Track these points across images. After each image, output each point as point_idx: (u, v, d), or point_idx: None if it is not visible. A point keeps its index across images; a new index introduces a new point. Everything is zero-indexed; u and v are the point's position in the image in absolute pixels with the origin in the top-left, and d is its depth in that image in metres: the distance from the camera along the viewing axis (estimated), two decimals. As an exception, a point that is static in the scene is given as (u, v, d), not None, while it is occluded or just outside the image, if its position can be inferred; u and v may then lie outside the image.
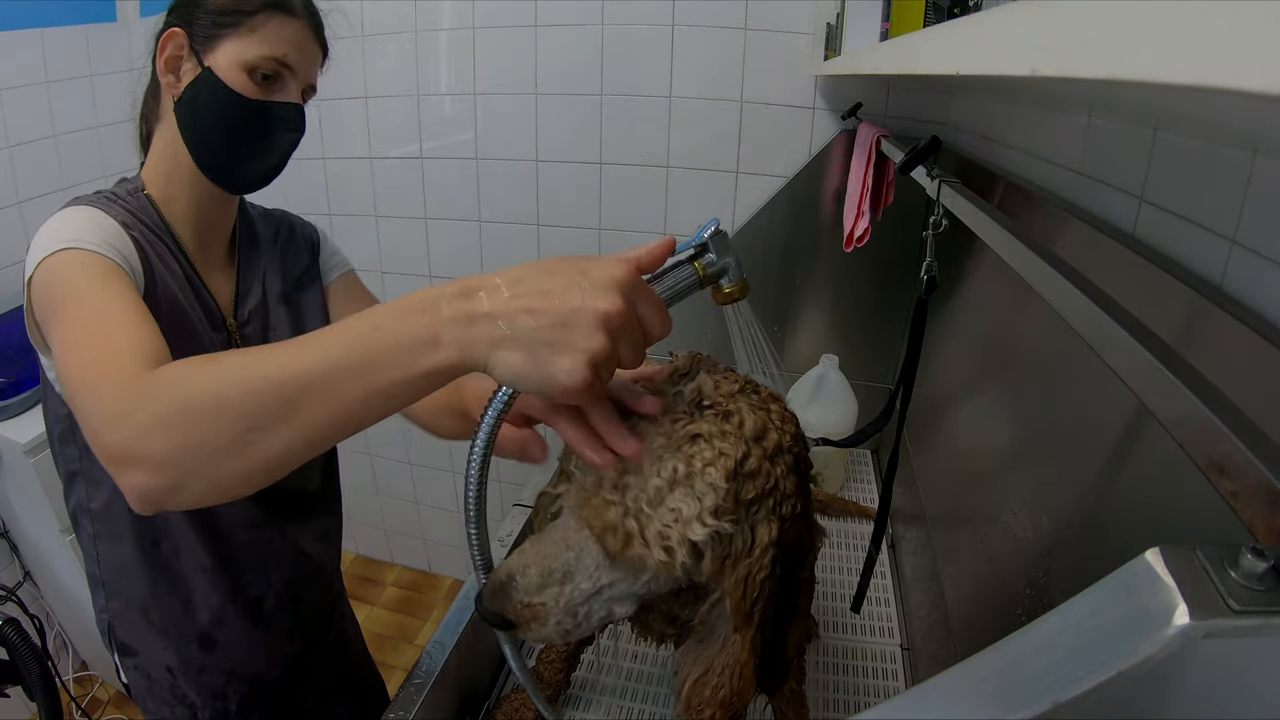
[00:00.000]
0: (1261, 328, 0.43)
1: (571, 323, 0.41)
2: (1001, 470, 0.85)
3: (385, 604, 2.26)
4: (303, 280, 0.89)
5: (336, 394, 0.41)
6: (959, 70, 0.41)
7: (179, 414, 0.42)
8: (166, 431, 0.42)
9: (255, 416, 0.41)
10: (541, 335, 0.41)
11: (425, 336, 0.41)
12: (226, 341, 0.78)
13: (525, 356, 0.41)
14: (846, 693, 1.00)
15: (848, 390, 1.38)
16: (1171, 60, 0.18)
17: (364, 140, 1.79)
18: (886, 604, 1.15)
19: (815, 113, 1.47)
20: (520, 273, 0.42)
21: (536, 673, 0.96)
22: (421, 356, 0.41)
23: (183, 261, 0.75)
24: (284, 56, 0.72)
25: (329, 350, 0.42)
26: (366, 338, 0.42)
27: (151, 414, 0.43)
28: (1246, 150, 0.46)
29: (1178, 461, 0.45)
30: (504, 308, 0.41)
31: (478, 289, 0.42)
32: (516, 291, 0.41)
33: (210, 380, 0.43)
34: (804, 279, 1.55)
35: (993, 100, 1.09)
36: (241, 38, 0.70)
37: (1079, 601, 0.26)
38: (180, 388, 0.43)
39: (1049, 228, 0.75)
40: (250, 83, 0.71)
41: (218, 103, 0.71)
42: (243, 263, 0.84)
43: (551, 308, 0.41)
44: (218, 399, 0.42)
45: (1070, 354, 0.67)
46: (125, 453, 0.43)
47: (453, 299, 0.42)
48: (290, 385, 0.41)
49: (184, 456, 0.42)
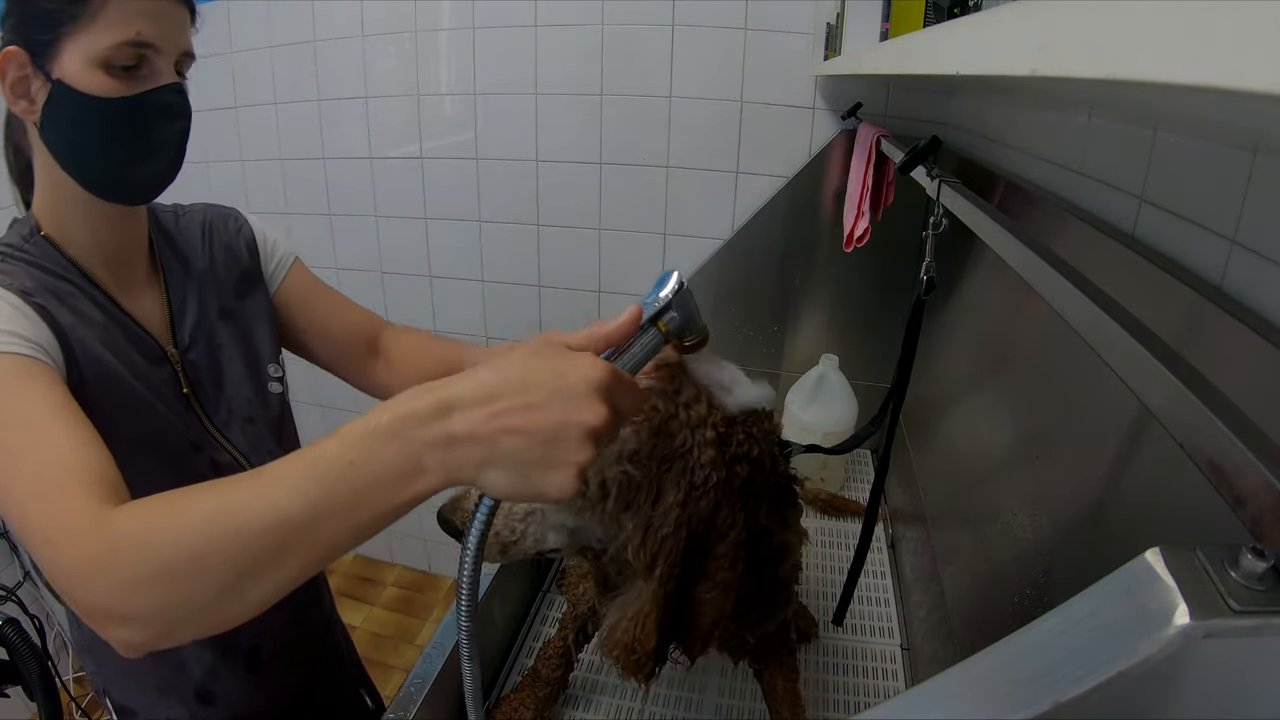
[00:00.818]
0: (1261, 328, 0.43)
1: (558, 438, 0.40)
2: (1001, 470, 0.85)
3: (385, 604, 2.26)
4: (242, 286, 0.79)
5: (321, 535, 0.40)
6: (959, 70, 0.41)
7: (155, 575, 0.40)
8: (144, 592, 0.40)
9: (240, 569, 0.40)
10: (528, 455, 0.40)
11: (406, 467, 0.40)
12: (171, 376, 0.70)
13: (513, 476, 0.40)
14: (846, 693, 1.00)
15: (848, 390, 1.38)
16: (1171, 60, 0.18)
17: (364, 140, 1.79)
18: (886, 604, 1.15)
19: (815, 113, 1.47)
20: (493, 381, 0.40)
21: (535, 670, 0.96)
22: (405, 487, 0.40)
23: (101, 300, 0.66)
24: (139, 35, 0.60)
25: (306, 491, 0.39)
26: (345, 475, 0.39)
27: (124, 576, 0.41)
28: (1246, 150, 0.46)
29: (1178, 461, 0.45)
30: (484, 429, 0.39)
31: (451, 406, 0.40)
32: (494, 409, 0.39)
33: (182, 535, 0.40)
34: (804, 279, 1.55)
35: (993, 100, 1.09)
36: (83, 32, 0.58)
37: (1079, 601, 0.26)
38: (150, 547, 0.41)
39: (1049, 228, 0.75)
40: (110, 80, 0.60)
41: (81, 116, 0.60)
42: (169, 278, 0.74)
43: (535, 426, 0.39)
44: (195, 556, 0.40)
45: (1070, 354, 0.67)
46: (103, 611, 0.41)
47: (426, 420, 0.39)
48: (272, 535, 0.39)
49: (169, 613, 0.41)
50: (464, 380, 0.41)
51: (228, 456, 0.72)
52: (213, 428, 0.72)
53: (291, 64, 1.79)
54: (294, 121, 1.84)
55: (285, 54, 1.79)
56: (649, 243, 1.67)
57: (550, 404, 0.40)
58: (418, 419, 0.40)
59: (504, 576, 1.03)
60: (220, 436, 0.72)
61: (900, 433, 1.36)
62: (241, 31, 1.81)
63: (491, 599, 1.00)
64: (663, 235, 1.65)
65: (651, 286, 0.49)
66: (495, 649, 1.04)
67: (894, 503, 1.38)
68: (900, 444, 1.35)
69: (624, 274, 1.71)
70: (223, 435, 0.72)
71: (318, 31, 1.73)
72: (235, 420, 0.74)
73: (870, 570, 1.23)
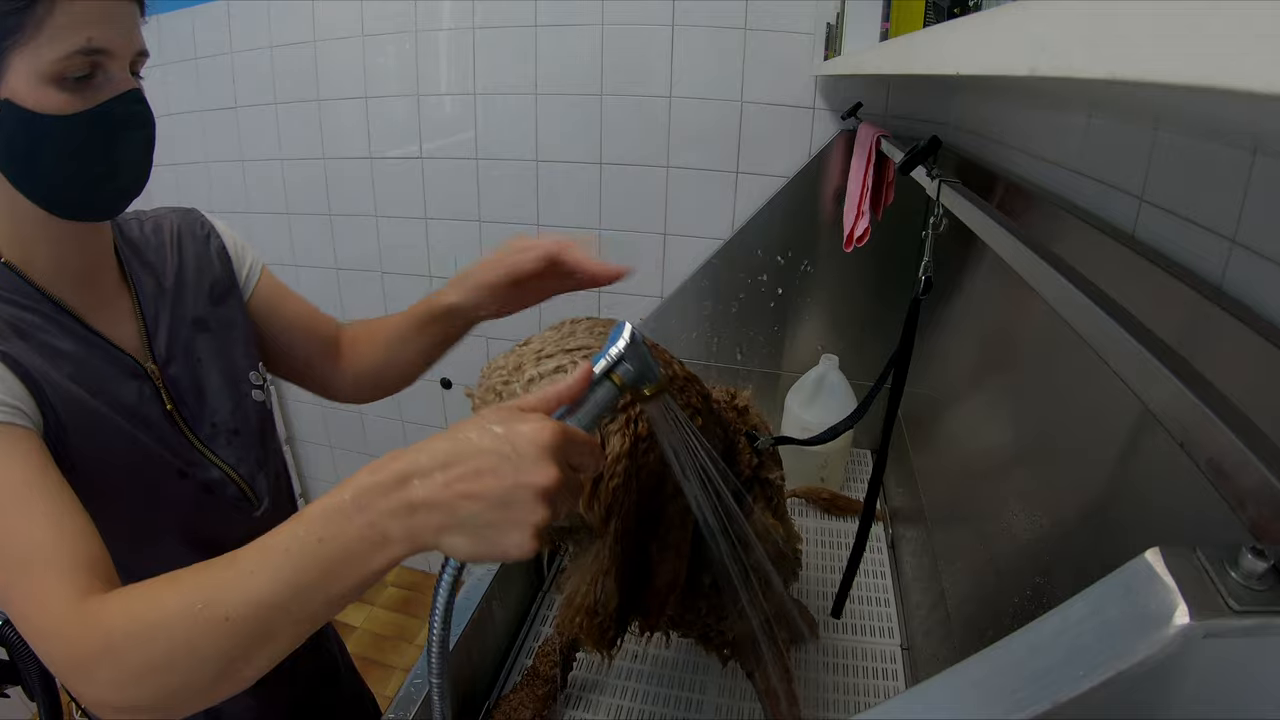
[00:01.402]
0: (1261, 328, 0.43)
1: (512, 501, 0.41)
2: (1001, 470, 0.85)
3: (385, 604, 2.26)
4: (215, 295, 0.75)
5: (303, 611, 0.43)
6: (959, 70, 0.41)
7: (152, 667, 0.42)
8: (143, 683, 0.43)
9: (231, 654, 0.43)
10: (485, 518, 0.42)
11: (373, 537, 0.42)
12: (153, 393, 0.66)
13: (473, 539, 0.42)
14: (846, 693, 1.00)
15: (848, 390, 1.38)
16: (1171, 60, 0.18)
17: (364, 140, 1.79)
18: (886, 604, 1.15)
19: (815, 113, 1.47)
20: (447, 449, 0.42)
21: (534, 669, 0.96)
22: (374, 557, 0.42)
23: (72, 327, 0.62)
24: (90, 42, 0.54)
25: (282, 574, 0.42)
26: (316, 553, 0.42)
27: (121, 670, 0.43)
28: (1246, 150, 0.46)
29: (1178, 461, 0.45)
30: (441, 496, 0.41)
31: (409, 475, 0.42)
32: (449, 476, 0.41)
33: (175, 627, 0.42)
34: (804, 279, 1.56)
35: (993, 100, 1.09)
36: (28, 45, 0.52)
37: (1079, 601, 0.26)
38: (144, 640, 0.43)
39: (1049, 228, 0.75)
40: (63, 95, 0.54)
41: (34, 136, 0.55)
42: (140, 292, 0.69)
43: (488, 490, 0.41)
44: (189, 646, 0.42)
45: (1070, 354, 0.67)
46: (104, 702, 0.43)
47: (387, 491, 0.42)
48: (257, 619, 0.42)
49: (169, 699, 0.43)
50: (420, 451, 0.43)
51: (218, 473, 0.70)
52: (199, 443, 0.69)
53: (291, 64, 1.79)
54: (294, 121, 1.84)
55: (285, 54, 1.79)
56: (649, 243, 1.67)
57: (500, 468, 0.41)
58: (379, 489, 0.42)
59: (504, 577, 1.03)
60: (207, 451, 0.70)
61: (900, 433, 1.36)
62: (241, 31, 1.81)
63: (491, 600, 1.00)
64: (663, 235, 1.65)
65: (611, 334, 0.50)
66: (495, 649, 1.04)
67: (894, 503, 1.38)
68: (900, 444, 1.35)
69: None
70: (209, 449, 0.70)
71: (318, 31, 1.73)
72: (221, 433, 0.72)
73: (870, 570, 1.23)
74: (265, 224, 1.97)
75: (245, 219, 1.99)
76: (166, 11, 1.85)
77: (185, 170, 2.02)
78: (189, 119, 1.95)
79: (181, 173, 2.02)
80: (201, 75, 1.89)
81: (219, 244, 0.78)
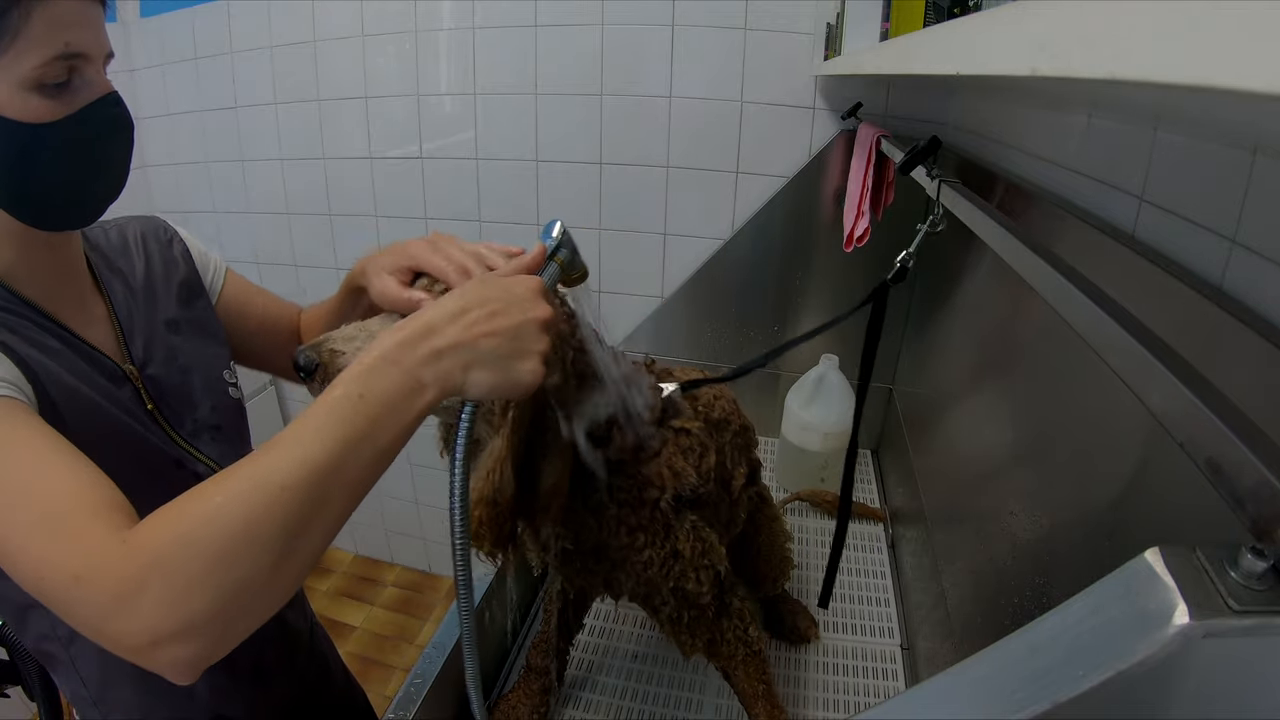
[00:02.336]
0: (1261, 328, 0.43)
1: (522, 333, 0.50)
2: (1001, 470, 0.85)
3: (385, 604, 2.26)
4: (184, 296, 0.76)
5: (354, 469, 0.44)
6: (959, 70, 0.41)
7: (207, 567, 0.40)
8: (198, 592, 0.40)
9: (293, 527, 0.42)
10: (502, 350, 0.49)
11: (409, 385, 0.46)
12: (134, 395, 0.67)
13: (494, 371, 0.49)
14: (846, 693, 1.00)
15: (848, 390, 1.38)
16: (1171, 60, 0.18)
17: (364, 140, 1.79)
18: (886, 604, 1.15)
19: (815, 113, 1.47)
20: (459, 302, 0.49)
21: (528, 663, 0.97)
22: (413, 403, 0.46)
23: (54, 329, 0.62)
24: (68, 47, 0.53)
25: (329, 434, 0.44)
26: (359, 409, 0.44)
27: (173, 582, 0.40)
28: (1246, 150, 0.46)
29: (1178, 461, 0.45)
30: (464, 337, 0.48)
31: (431, 328, 0.48)
32: (467, 321, 0.48)
33: (229, 514, 0.41)
34: (804, 279, 1.55)
35: (993, 100, 1.09)
36: (6, 53, 0.51)
37: (1079, 601, 0.26)
38: (196, 541, 0.40)
39: (1049, 228, 0.75)
40: (45, 101, 0.54)
41: (16, 146, 0.54)
42: (113, 296, 0.70)
43: (503, 327, 0.49)
44: (248, 526, 0.41)
45: (1070, 354, 0.67)
46: (153, 634, 0.40)
47: (414, 344, 0.47)
48: (313, 481, 0.42)
49: (230, 604, 0.41)
50: (434, 308, 0.49)
51: (204, 469, 0.70)
52: (183, 441, 0.70)
53: (291, 64, 1.79)
54: (294, 121, 1.84)
55: (285, 54, 1.79)
56: (649, 243, 1.67)
57: (510, 309, 0.50)
58: (408, 344, 0.47)
59: (503, 579, 1.03)
60: (192, 449, 0.70)
61: (900, 433, 1.36)
62: (241, 31, 1.81)
63: (491, 600, 1.00)
64: (663, 235, 1.65)
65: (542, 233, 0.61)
66: (495, 649, 1.04)
67: (894, 503, 1.38)
68: (900, 444, 1.35)
69: (624, 274, 1.71)
70: (193, 447, 0.70)
71: (318, 31, 1.73)
72: (203, 430, 0.72)
73: (870, 570, 1.24)
74: (265, 224, 1.97)
75: (245, 219, 1.99)
76: (166, 11, 1.85)
77: (185, 170, 2.02)
78: (189, 119, 1.95)
79: (181, 173, 2.02)
80: (201, 75, 1.89)
81: (182, 248, 0.79)
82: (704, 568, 0.76)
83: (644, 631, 1.09)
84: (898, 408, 1.44)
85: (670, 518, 0.73)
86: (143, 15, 1.89)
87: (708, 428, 0.80)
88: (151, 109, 1.96)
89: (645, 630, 1.09)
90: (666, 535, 0.73)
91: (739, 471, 0.85)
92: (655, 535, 0.73)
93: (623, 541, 0.73)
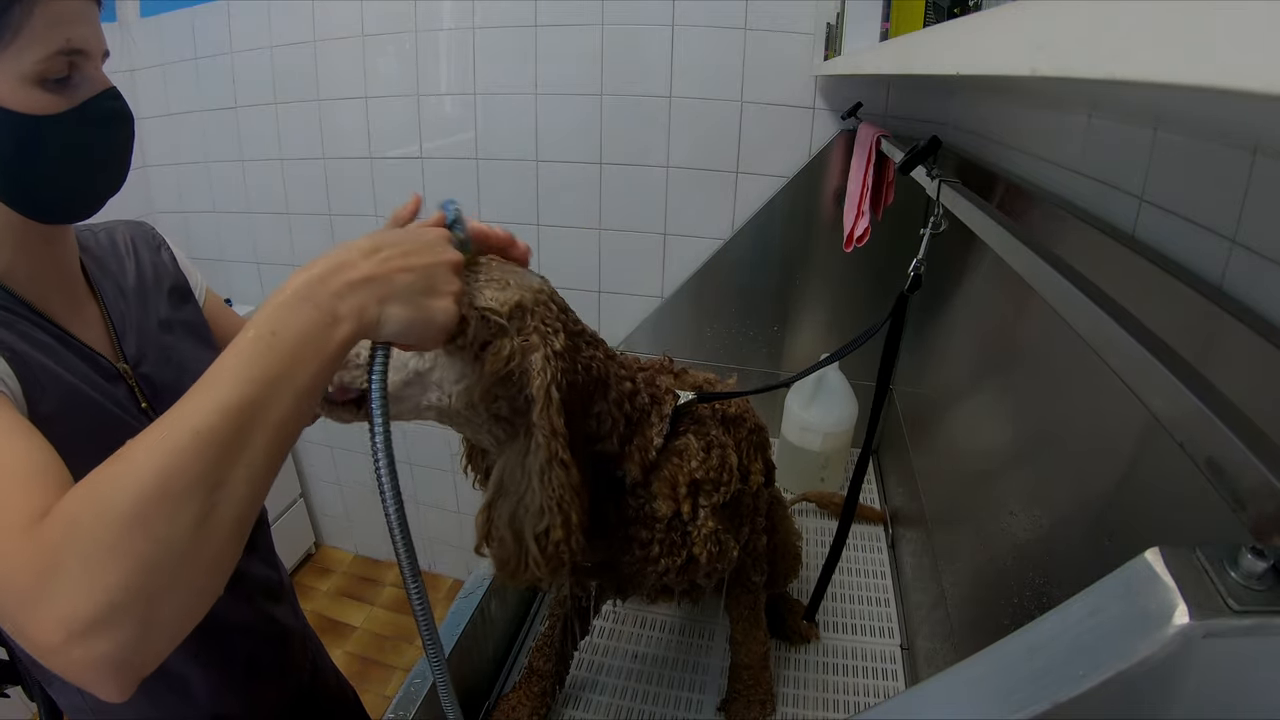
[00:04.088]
0: (1261, 328, 0.43)
1: (435, 272, 0.50)
2: (1001, 470, 0.85)
3: (385, 604, 2.26)
4: (174, 298, 0.77)
5: (274, 410, 0.41)
6: (959, 70, 0.41)
7: (122, 525, 0.36)
8: (115, 557, 0.35)
9: (211, 476, 0.38)
10: (417, 286, 0.48)
11: (323, 319, 0.44)
12: (128, 393, 0.68)
13: (408, 308, 0.48)
14: (846, 693, 1.00)
15: (848, 390, 1.38)
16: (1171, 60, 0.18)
17: (364, 140, 1.79)
18: (886, 604, 1.15)
19: (815, 113, 1.47)
20: (371, 241, 0.48)
21: (529, 666, 0.96)
22: (330, 337, 0.44)
23: (50, 328, 0.63)
24: (69, 43, 0.55)
25: (244, 375, 0.40)
26: (273, 346, 0.42)
27: (84, 553, 0.35)
28: (1246, 150, 0.46)
29: (1178, 461, 0.45)
30: (379, 270, 0.47)
31: (342, 264, 0.46)
32: (381, 257, 0.47)
33: (139, 468, 0.37)
34: (804, 279, 1.55)
35: (993, 100, 1.09)
36: (9, 48, 0.53)
37: (1079, 601, 0.26)
38: (105, 500, 0.36)
39: (1049, 228, 0.75)
40: (47, 95, 0.55)
41: (18, 138, 0.55)
42: (105, 296, 0.71)
43: (417, 264, 0.49)
44: (160, 480, 0.36)
45: (1070, 354, 0.67)
46: (70, 622, 0.35)
47: (325, 279, 0.45)
48: (229, 425, 0.39)
49: (151, 574, 0.36)
50: (345, 247, 0.47)
51: None
52: None
53: (291, 64, 1.79)
54: (294, 121, 1.84)
55: (285, 54, 1.79)
56: (649, 243, 1.67)
57: (421, 251, 0.50)
58: (319, 280, 0.45)
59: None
60: None
61: (900, 433, 1.36)
62: (241, 31, 1.81)
63: (491, 599, 1.00)
64: (663, 235, 1.66)
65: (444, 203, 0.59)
66: (495, 649, 1.04)
67: (894, 503, 1.38)
68: (900, 444, 1.35)
69: (624, 274, 1.71)
70: None
71: (318, 31, 1.73)
72: None
73: (870, 570, 1.24)
74: (265, 224, 1.97)
75: (245, 219, 1.98)
76: (166, 11, 1.85)
77: (185, 170, 2.02)
78: (189, 119, 1.95)
79: (182, 173, 2.02)
80: (201, 75, 1.89)
81: (170, 255, 0.80)
82: (716, 569, 0.76)
83: (646, 631, 1.09)
84: (898, 408, 1.44)
85: (687, 526, 0.72)
86: (143, 15, 1.89)
87: (724, 426, 0.79)
88: (151, 109, 1.96)
89: (647, 630, 1.09)
90: (683, 543, 0.73)
91: (755, 465, 0.83)
92: (672, 545, 0.72)
93: (635, 555, 0.72)
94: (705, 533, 0.72)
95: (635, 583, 0.77)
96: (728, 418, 0.81)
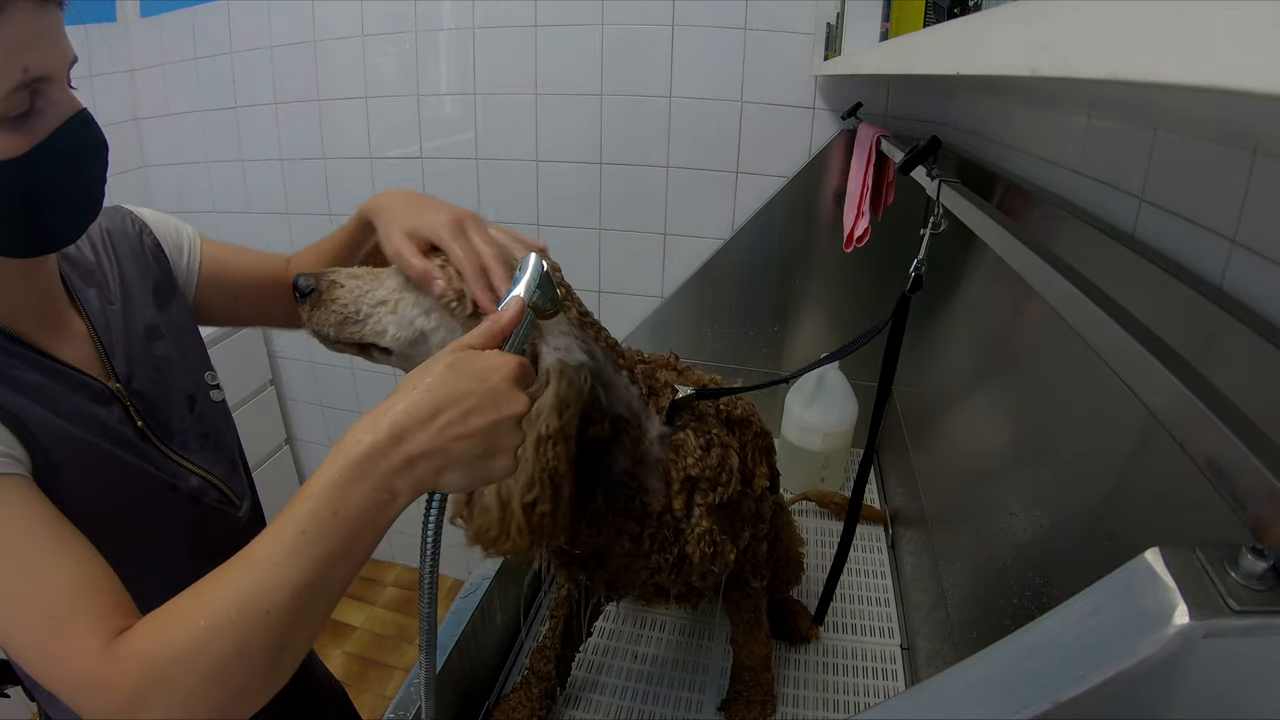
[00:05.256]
0: (1261, 328, 0.43)
1: (496, 432, 0.47)
2: (1001, 470, 0.85)
3: (385, 604, 2.26)
4: (159, 298, 0.73)
5: (333, 583, 0.45)
6: (959, 70, 0.41)
7: (207, 681, 0.42)
8: (200, 703, 0.43)
9: (278, 645, 0.44)
10: (476, 451, 0.47)
11: (381, 498, 0.45)
12: (123, 414, 0.64)
13: (467, 472, 0.47)
14: (846, 693, 1.00)
15: (848, 390, 1.38)
16: (1171, 60, 0.18)
17: (364, 140, 1.79)
18: (886, 604, 1.15)
19: (815, 113, 1.47)
20: (429, 400, 0.46)
21: (530, 668, 0.96)
22: (386, 513, 0.46)
23: (36, 361, 0.59)
24: (27, 73, 0.48)
25: (306, 555, 0.44)
26: (334, 526, 0.44)
27: (176, 696, 0.42)
28: (1246, 150, 0.46)
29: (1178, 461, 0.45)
30: (436, 443, 0.46)
31: (402, 431, 0.45)
32: (439, 424, 0.46)
33: (219, 635, 0.42)
34: (804, 279, 1.55)
35: (993, 100, 1.09)
36: None
37: (1079, 601, 0.26)
38: (192, 658, 0.43)
39: (1049, 228, 0.75)
40: (8, 135, 0.49)
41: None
42: (89, 310, 0.66)
43: (476, 429, 0.46)
44: (238, 651, 0.43)
45: (1070, 354, 0.67)
46: None
47: (384, 453, 0.45)
48: (298, 603, 0.44)
49: (228, 710, 0.44)
50: (402, 405, 0.46)
51: (197, 480, 0.69)
52: (174, 454, 0.68)
53: (291, 64, 1.79)
54: (294, 121, 1.84)
55: (285, 54, 1.79)
56: (649, 243, 1.67)
57: (482, 406, 0.47)
58: (377, 453, 0.45)
59: (504, 579, 1.03)
60: (184, 460, 0.69)
61: (900, 433, 1.36)
62: (241, 31, 1.81)
63: (491, 600, 1.00)
64: (663, 235, 1.66)
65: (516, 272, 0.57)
66: (495, 649, 1.04)
67: (894, 503, 1.38)
68: (900, 444, 1.35)
69: (624, 274, 1.71)
70: (184, 458, 0.69)
71: (318, 31, 1.73)
72: (191, 439, 0.70)
73: (870, 570, 1.23)
74: (265, 224, 1.97)
75: (245, 219, 1.98)
76: (166, 11, 1.85)
77: (185, 170, 2.02)
78: (189, 119, 1.95)
79: (182, 173, 2.02)
80: (201, 75, 1.89)
81: (152, 241, 0.75)
82: (710, 572, 0.75)
83: (646, 632, 1.09)
84: (898, 407, 1.44)
85: (680, 523, 0.72)
86: (143, 15, 1.89)
87: (729, 428, 0.78)
88: (151, 109, 1.96)
89: (647, 630, 1.09)
90: (675, 540, 0.72)
91: (760, 470, 0.83)
92: (663, 541, 0.72)
93: (625, 548, 0.72)
94: (699, 532, 0.72)
95: (627, 579, 0.76)
96: (733, 419, 0.81)
